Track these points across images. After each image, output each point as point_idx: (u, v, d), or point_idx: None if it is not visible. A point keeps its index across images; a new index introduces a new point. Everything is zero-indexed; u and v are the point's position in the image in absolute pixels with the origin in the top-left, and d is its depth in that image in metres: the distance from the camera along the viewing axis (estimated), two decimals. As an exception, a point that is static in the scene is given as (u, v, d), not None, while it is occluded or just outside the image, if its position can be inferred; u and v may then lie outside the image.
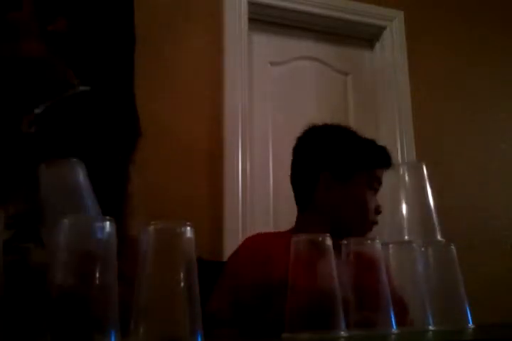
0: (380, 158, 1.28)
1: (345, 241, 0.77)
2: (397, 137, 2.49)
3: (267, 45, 2.48)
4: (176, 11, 2.18)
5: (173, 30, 2.17)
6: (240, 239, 2.01)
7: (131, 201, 0.78)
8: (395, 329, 0.71)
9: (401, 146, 2.48)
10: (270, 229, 2.16)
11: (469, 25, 2.76)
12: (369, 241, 0.78)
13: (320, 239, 0.71)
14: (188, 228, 0.53)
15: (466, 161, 2.57)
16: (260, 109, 2.37)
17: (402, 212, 0.86)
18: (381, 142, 1.35)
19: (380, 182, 1.25)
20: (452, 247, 0.87)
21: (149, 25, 2.07)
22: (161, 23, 2.14)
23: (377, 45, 2.67)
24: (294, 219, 1.33)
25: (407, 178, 0.91)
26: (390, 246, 0.85)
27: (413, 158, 2.45)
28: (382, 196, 1.22)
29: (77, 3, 0.78)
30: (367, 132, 1.36)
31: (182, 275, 0.51)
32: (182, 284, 0.51)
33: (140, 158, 0.88)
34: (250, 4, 2.33)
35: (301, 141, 1.34)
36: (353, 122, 2.42)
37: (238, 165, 2.13)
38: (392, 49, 2.60)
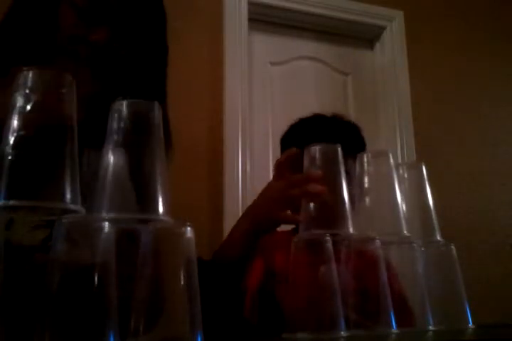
0: (301, 136, 1.20)
1: (345, 241, 0.77)
2: (397, 137, 2.49)
3: (267, 45, 2.48)
4: (176, 10, 2.18)
5: (173, 29, 2.16)
6: (240, 239, 2.01)
7: None
8: (395, 329, 0.71)
9: (401, 146, 2.48)
10: (270, 229, 2.16)
11: (469, 25, 2.77)
12: (369, 241, 0.78)
13: (320, 239, 0.71)
14: (188, 228, 0.53)
15: (466, 161, 2.57)
16: (260, 109, 2.37)
17: (401, 211, 0.86)
18: (381, 142, 1.34)
19: None
20: (452, 247, 0.87)
21: (149, 25, 2.06)
22: (161, 23, 2.14)
23: (377, 45, 2.67)
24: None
25: (406, 178, 0.91)
26: (390, 246, 0.85)
27: (413, 158, 2.45)
28: (381, 196, 1.21)
29: (119, 11, 0.79)
30: (367, 132, 1.36)
31: (182, 275, 0.51)
32: (182, 284, 0.51)
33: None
34: (250, 4, 2.33)
35: None
36: (353, 122, 2.42)
37: (238, 165, 2.13)
38: (392, 49, 2.60)
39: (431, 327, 0.78)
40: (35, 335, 0.44)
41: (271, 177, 1.35)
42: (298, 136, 1.23)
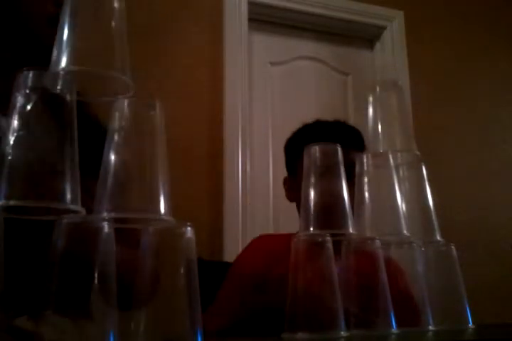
0: (303, 141, 1.20)
1: (345, 241, 0.77)
2: (397, 137, 2.49)
3: (267, 45, 2.48)
4: (176, 10, 2.18)
5: (173, 29, 2.17)
6: (240, 239, 2.01)
7: None
8: (394, 329, 0.71)
9: (401, 146, 2.48)
10: (270, 229, 2.17)
11: (469, 25, 2.77)
12: (369, 241, 0.78)
13: (320, 239, 0.71)
14: (188, 228, 0.53)
15: (466, 161, 2.57)
16: (260, 109, 2.37)
17: (401, 211, 0.86)
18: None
19: None
20: (452, 247, 0.87)
21: (149, 24, 2.07)
22: (161, 22, 2.14)
23: (377, 45, 2.67)
24: (294, 219, 1.33)
25: (406, 178, 0.91)
26: (390, 246, 0.85)
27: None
28: (381, 196, 1.21)
29: None
30: (367, 132, 1.36)
31: (182, 275, 0.51)
32: (182, 284, 0.51)
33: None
34: (250, 4, 2.33)
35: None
36: (353, 122, 2.41)
37: (238, 165, 2.13)
38: (392, 49, 2.60)
39: (431, 327, 0.78)
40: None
41: (271, 177, 1.36)
42: (301, 143, 1.24)
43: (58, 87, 0.52)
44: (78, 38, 0.53)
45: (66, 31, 0.53)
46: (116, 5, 0.56)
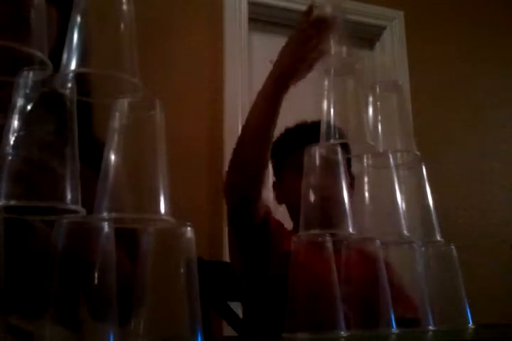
0: (285, 145, 1.25)
1: (345, 241, 0.77)
2: (397, 137, 2.49)
3: (267, 45, 2.48)
4: (176, 10, 2.18)
5: (173, 29, 2.17)
6: (240, 239, 2.00)
7: None
8: (394, 329, 0.71)
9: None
10: (270, 229, 2.16)
11: (469, 25, 2.77)
12: (369, 241, 0.78)
13: (320, 239, 0.71)
14: (188, 228, 0.53)
15: (466, 161, 2.57)
16: (260, 109, 2.36)
17: (401, 211, 0.86)
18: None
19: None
20: (452, 247, 0.88)
21: (148, 24, 2.06)
22: (161, 22, 2.14)
23: (377, 45, 2.67)
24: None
25: (406, 178, 0.91)
26: (390, 246, 0.85)
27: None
28: (381, 196, 1.21)
29: None
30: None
31: (182, 275, 0.51)
32: (182, 284, 0.51)
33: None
34: (250, 4, 2.33)
35: None
36: (353, 122, 2.41)
37: (238, 165, 2.12)
38: (392, 49, 2.60)
39: (431, 327, 0.78)
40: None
41: (270, 177, 1.37)
42: (283, 148, 1.28)
43: (68, 86, 0.52)
44: (88, 40, 0.54)
45: (76, 33, 0.53)
46: (125, 7, 0.56)
